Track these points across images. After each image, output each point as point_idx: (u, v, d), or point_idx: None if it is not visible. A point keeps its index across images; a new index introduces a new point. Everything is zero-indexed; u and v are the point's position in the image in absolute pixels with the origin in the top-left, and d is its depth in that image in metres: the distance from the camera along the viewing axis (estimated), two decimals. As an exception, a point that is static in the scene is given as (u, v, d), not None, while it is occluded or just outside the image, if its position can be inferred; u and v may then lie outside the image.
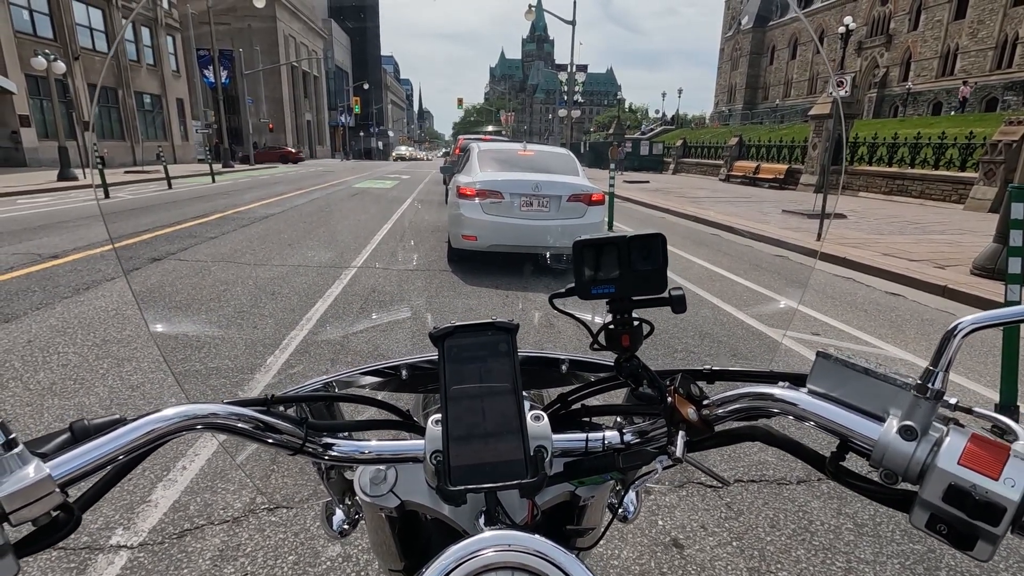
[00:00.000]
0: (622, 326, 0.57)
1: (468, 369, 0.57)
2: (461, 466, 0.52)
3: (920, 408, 0.45)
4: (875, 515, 2.31)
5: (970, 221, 11.93)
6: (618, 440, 0.62)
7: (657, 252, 0.55)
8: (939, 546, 2.14)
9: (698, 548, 2.09)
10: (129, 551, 1.94)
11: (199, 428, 0.52)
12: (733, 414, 0.56)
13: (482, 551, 0.46)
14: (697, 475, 2.53)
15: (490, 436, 0.54)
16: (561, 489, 0.63)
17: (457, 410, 0.55)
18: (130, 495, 2.24)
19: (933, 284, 6.31)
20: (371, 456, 0.61)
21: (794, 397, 0.52)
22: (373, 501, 0.61)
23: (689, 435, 0.54)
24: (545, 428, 0.57)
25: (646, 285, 0.56)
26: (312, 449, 0.59)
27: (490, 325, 0.59)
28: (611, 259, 0.55)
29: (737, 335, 4.50)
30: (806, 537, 2.17)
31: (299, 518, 2.16)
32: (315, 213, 11.32)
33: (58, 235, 7.79)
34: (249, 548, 1.98)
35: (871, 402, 0.48)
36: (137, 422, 0.48)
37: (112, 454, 0.46)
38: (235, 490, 2.30)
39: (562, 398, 0.69)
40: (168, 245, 7.21)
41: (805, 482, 2.54)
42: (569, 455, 0.61)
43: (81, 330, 4.06)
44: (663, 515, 2.27)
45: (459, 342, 0.59)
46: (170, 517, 2.12)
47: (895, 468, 0.45)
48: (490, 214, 5.85)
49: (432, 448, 0.54)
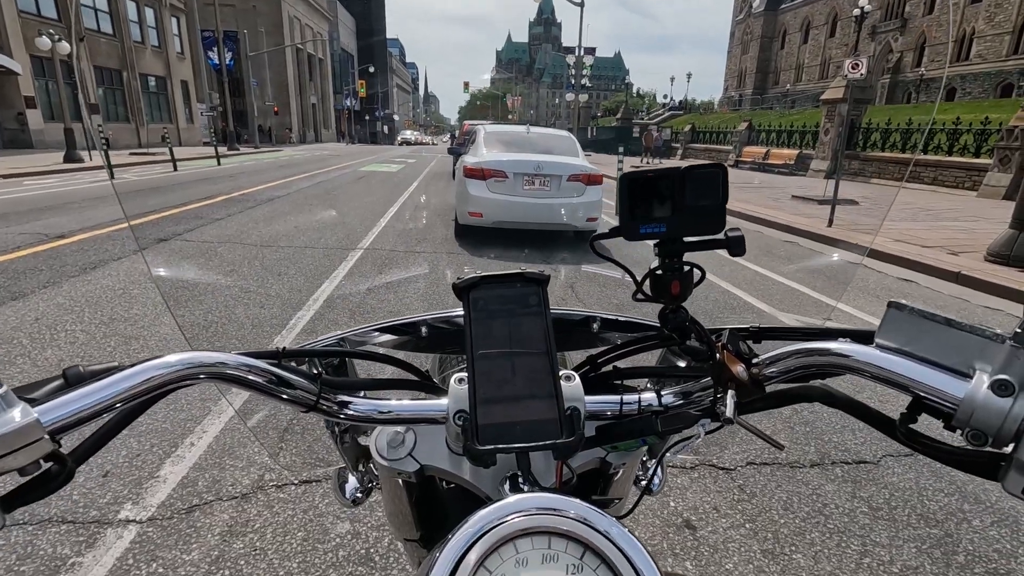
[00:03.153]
0: (671, 272, 0.50)
1: (496, 323, 0.53)
2: (490, 424, 0.48)
3: (1018, 360, 0.39)
4: (890, 498, 2.28)
5: (984, 208, 11.76)
6: (656, 402, 0.57)
7: (717, 186, 0.48)
8: (957, 529, 2.11)
9: (711, 530, 2.06)
10: (138, 525, 1.93)
11: (203, 377, 0.47)
12: (786, 373, 0.50)
13: (512, 516, 0.42)
14: (710, 457, 2.51)
15: (520, 395, 0.50)
16: (592, 455, 0.59)
17: (484, 366, 0.51)
18: (138, 470, 2.23)
19: (946, 271, 6.21)
20: (390, 416, 0.56)
21: (860, 352, 0.46)
22: (391, 465, 0.57)
23: (739, 395, 0.49)
24: (577, 388, 0.53)
25: (702, 224, 0.49)
26: (326, 407, 0.55)
27: (519, 276, 0.55)
28: (663, 195, 0.49)
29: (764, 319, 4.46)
30: (820, 520, 2.13)
31: (308, 495, 2.14)
32: (321, 196, 11.29)
33: (65, 215, 7.78)
34: (258, 524, 1.97)
35: (954, 357, 0.43)
36: (135, 367, 0.43)
37: (108, 401, 0.41)
38: (243, 467, 2.29)
39: (591, 359, 0.65)
40: (174, 226, 7.20)
41: (819, 465, 2.50)
42: (601, 418, 0.57)
43: (88, 308, 4.05)
44: (675, 496, 2.25)
45: (485, 294, 0.54)
46: (179, 493, 2.11)
47: (985, 428, 0.40)
48: (495, 192, 6.15)
49: (456, 408, 0.51)
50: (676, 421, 0.52)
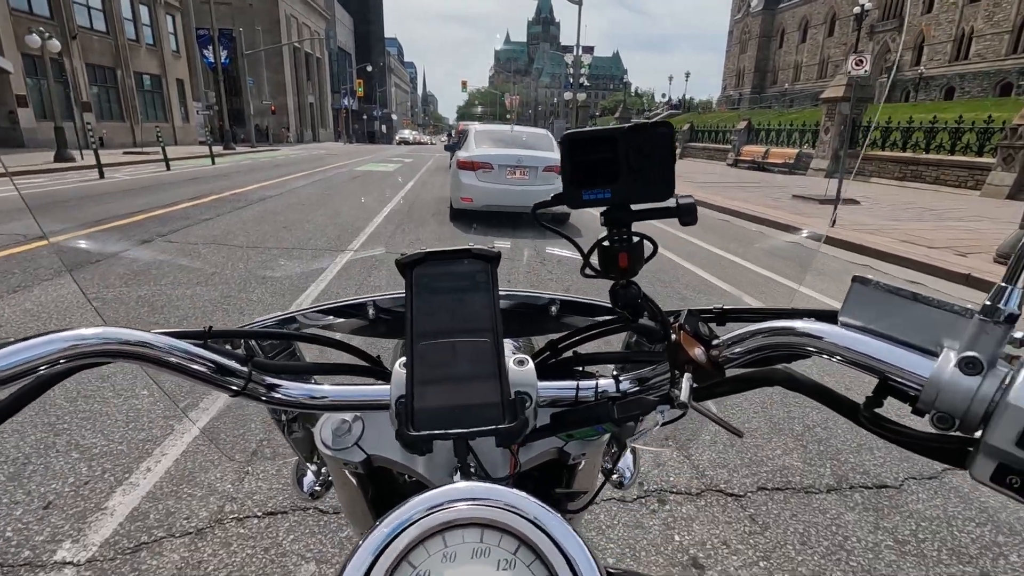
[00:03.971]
0: (619, 243, 0.46)
1: (439, 301, 0.50)
2: (426, 408, 0.45)
3: (987, 336, 0.35)
4: (917, 530, 2.07)
5: (988, 208, 11.57)
6: (613, 388, 0.54)
7: (664, 148, 0.43)
8: (993, 567, 1.90)
9: (721, 569, 1.85)
10: (75, 569, 1.70)
11: (122, 356, 0.44)
12: (748, 355, 0.47)
13: (451, 504, 0.38)
14: (717, 482, 2.29)
15: (463, 378, 0.47)
16: (548, 445, 0.55)
17: (425, 348, 0.47)
18: (84, 501, 2.01)
19: (955, 272, 6.01)
20: (326, 401, 0.52)
21: (823, 330, 0.43)
22: (335, 455, 0.53)
23: (697, 380, 0.46)
24: (529, 374, 0.50)
25: (650, 189, 0.44)
26: (256, 391, 0.50)
27: (466, 252, 0.52)
28: (607, 158, 0.44)
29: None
30: (842, 556, 1.92)
31: (271, 529, 1.92)
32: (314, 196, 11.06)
33: (49, 215, 7.55)
34: (212, 566, 1.75)
35: (921, 335, 0.39)
36: (46, 336, 0.40)
37: (10, 368, 0.38)
38: (202, 496, 2.07)
39: (551, 345, 0.61)
40: (160, 227, 6.97)
41: (836, 490, 2.29)
42: (558, 405, 0.54)
43: (57, 316, 3.83)
44: (680, 528, 2.03)
45: (429, 271, 0.51)
46: (126, 528, 1.89)
47: (951, 410, 0.36)
48: (482, 181, 7.19)
49: (398, 393, 0.47)
50: (632, 407, 0.49)
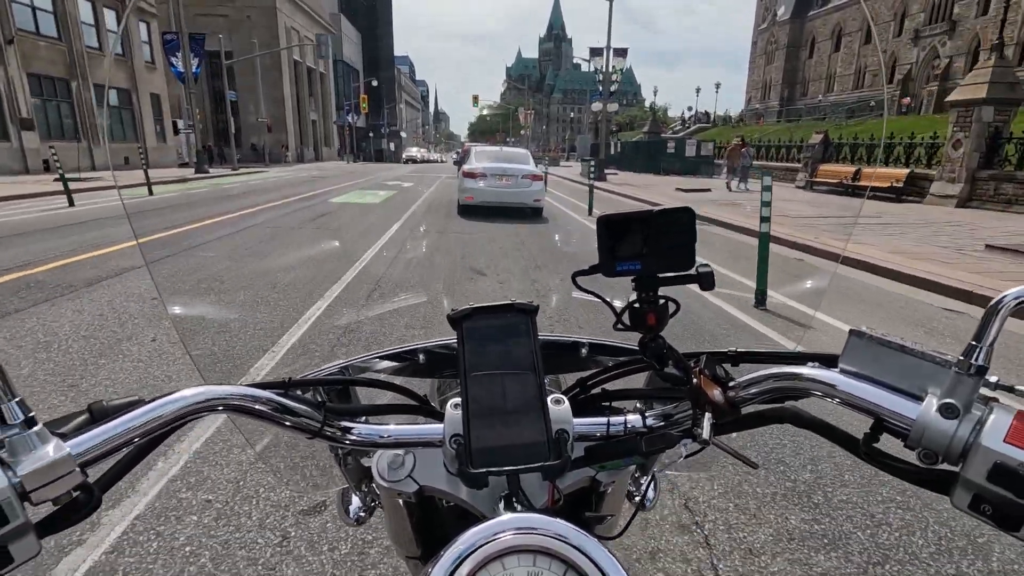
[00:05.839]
0: (648, 304, 0.54)
1: (487, 351, 0.55)
2: (482, 448, 0.50)
3: (962, 385, 0.42)
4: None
5: None
6: (640, 424, 0.59)
7: (685, 227, 0.52)
8: None
9: None
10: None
11: (220, 409, 0.50)
12: (760, 395, 0.53)
13: (501, 534, 0.44)
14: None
15: (511, 418, 0.52)
16: (582, 474, 0.60)
17: (477, 392, 0.53)
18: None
19: None
20: (390, 440, 0.58)
21: (825, 376, 0.49)
22: (391, 486, 0.58)
23: (715, 417, 0.51)
24: (566, 411, 0.55)
25: (673, 262, 0.52)
26: (331, 433, 0.57)
27: (509, 307, 0.58)
28: (637, 235, 0.52)
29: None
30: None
31: None
32: (218, 268, 7.02)
33: None
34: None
35: (908, 381, 0.45)
36: (156, 402, 0.46)
37: (131, 434, 0.44)
38: None
39: (581, 382, 0.67)
40: None
41: None
42: (590, 439, 0.59)
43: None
44: None
45: (478, 323, 0.57)
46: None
47: (935, 448, 0.42)
48: (480, 185, 10.42)
49: (452, 431, 0.52)
50: (659, 442, 0.53)
